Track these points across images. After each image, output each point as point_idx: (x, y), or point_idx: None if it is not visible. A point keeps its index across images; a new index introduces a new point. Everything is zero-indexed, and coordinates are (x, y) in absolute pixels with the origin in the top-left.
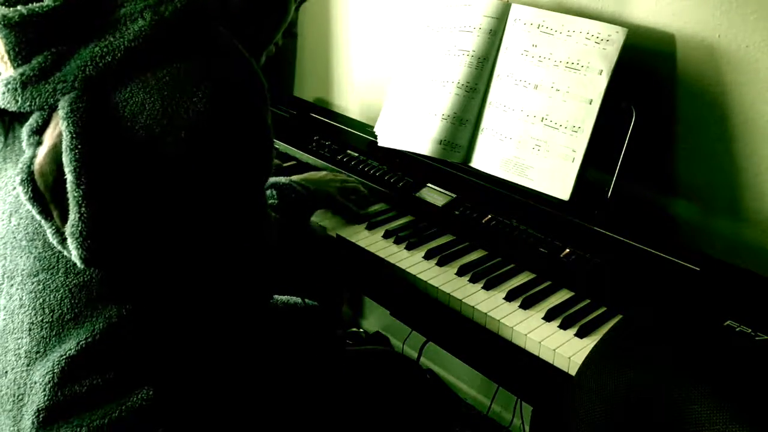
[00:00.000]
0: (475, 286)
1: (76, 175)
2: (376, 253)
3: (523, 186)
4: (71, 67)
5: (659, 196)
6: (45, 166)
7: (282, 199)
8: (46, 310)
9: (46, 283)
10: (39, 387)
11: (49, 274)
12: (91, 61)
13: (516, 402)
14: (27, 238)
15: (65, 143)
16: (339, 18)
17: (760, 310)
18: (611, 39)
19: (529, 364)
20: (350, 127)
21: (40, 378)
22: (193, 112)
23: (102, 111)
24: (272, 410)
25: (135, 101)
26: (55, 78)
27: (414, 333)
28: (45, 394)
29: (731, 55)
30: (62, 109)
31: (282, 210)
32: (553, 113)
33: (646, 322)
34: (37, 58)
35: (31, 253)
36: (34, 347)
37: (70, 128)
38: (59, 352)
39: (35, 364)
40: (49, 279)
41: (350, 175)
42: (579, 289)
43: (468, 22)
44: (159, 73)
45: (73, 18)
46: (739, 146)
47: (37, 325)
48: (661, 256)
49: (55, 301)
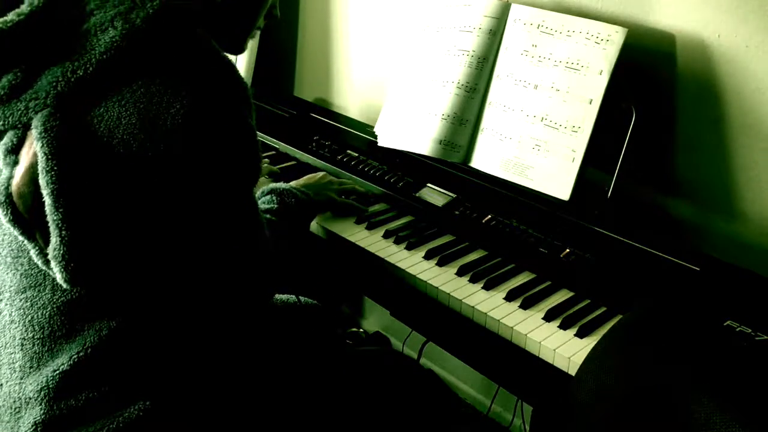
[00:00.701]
0: (475, 286)
1: (54, 197)
2: (376, 253)
3: (523, 186)
4: (42, 84)
5: (659, 196)
6: (23, 187)
7: (282, 203)
8: (35, 327)
9: (34, 300)
10: (35, 401)
11: (36, 291)
12: (62, 77)
13: (516, 402)
14: (12, 255)
15: (41, 165)
16: (339, 18)
17: (760, 310)
18: (611, 39)
19: (529, 364)
20: (350, 127)
21: (34, 394)
22: (171, 124)
23: (77, 128)
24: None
25: (111, 116)
26: (27, 95)
27: (414, 333)
28: (42, 408)
29: (731, 55)
30: (35, 129)
31: (282, 214)
32: (553, 113)
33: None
34: (7, 75)
35: (17, 270)
36: (27, 362)
37: (44, 149)
38: (52, 366)
39: (28, 377)
40: (36, 296)
41: (350, 177)
42: (579, 289)
43: (468, 22)
44: (134, 85)
45: (40, 32)
46: (739, 146)
47: (29, 341)
48: (661, 256)
49: (43, 318)
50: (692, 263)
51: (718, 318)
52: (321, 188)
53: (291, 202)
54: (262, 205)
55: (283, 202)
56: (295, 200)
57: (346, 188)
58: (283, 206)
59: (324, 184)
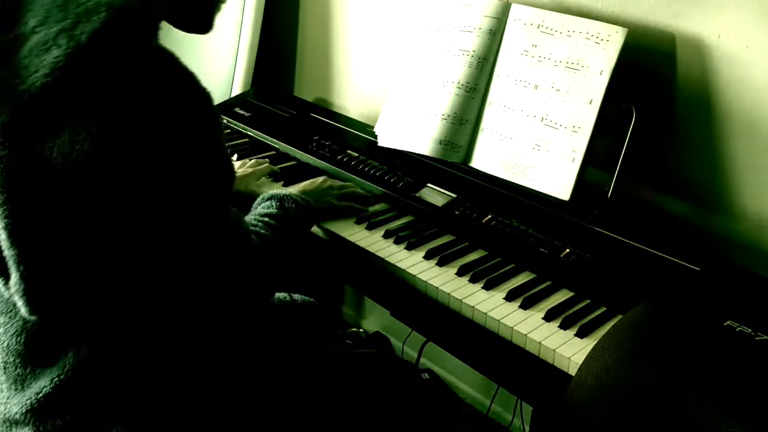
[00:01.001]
0: (475, 286)
1: (7, 233)
2: (376, 253)
3: (523, 186)
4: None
5: (659, 196)
6: None
7: (282, 209)
8: (12, 352)
9: (7, 327)
10: (22, 423)
11: (8, 317)
12: (4, 105)
13: (516, 402)
14: None
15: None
16: (339, 18)
17: (760, 310)
18: (611, 39)
19: (529, 364)
20: (350, 127)
21: (20, 416)
22: (127, 146)
23: (27, 158)
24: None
25: (62, 142)
26: None
27: (414, 333)
28: (30, 428)
29: (731, 55)
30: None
31: (282, 219)
32: (553, 113)
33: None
34: None
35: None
36: (12, 384)
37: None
38: (35, 388)
39: (14, 398)
40: (8, 323)
41: (350, 177)
42: (579, 289)
43: (468, 22)
44: (85, 107)
45: None
46: (739, 146)
47: (10, 365)
48: (660, 256)
49: (18, 345)
50: (692, 263)
51: (718, 318)
52: (321, 194)
53: (291, 207)
54: (262, 210)
55: (283, 207)
56: (295, 206)
57: (346, 192)
58: (283, 211)
59: (324, 190)
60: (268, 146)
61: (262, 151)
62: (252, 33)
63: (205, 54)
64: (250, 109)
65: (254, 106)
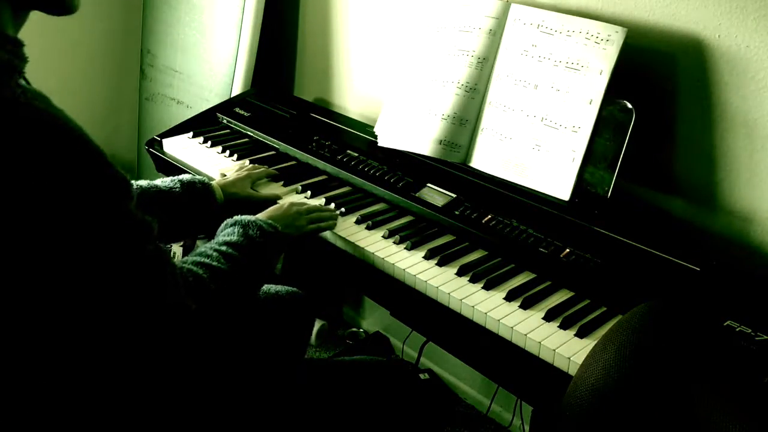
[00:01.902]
0: (475, 286)
1: None
2: (376, 253)
3: (523, 186)
4: None
5: (659, 196)
6: None
7: (245, 236)
8: None
9: None
10: None
11: None
12: None
13: (516, 402)
14: None
15: None
16: (339, 18)
17: (760, 310)
18: (611, 39)
19: (529, 364)
20: (350, 127)
21: None
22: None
23: None
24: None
25: None
26: None
27: (414, 333)
28: None
29: (731, 55)
30: None
31: (245, 249)
32: (553, 113)
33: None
34: None
35: None
36: None
37: None
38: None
39: None
40: None
41: (350, 176)
42: (579, 289)
43: (468, 22)
44: None
45: None
46: (739, 146)
47: None
48: (660, 256)
49: None
50: (692, 263)
51: (718, 318)
52: (290, 219)
53: (255, 234)
54: (222, 238)
55: (246, 235)
56: (260, 232)
57: (314, 217)
58: (246, 239)
59: (292, 215)
60: (268, 146)
61: (262, 151)
62: (252, 33)
63: (205, 54)
64: (250, 109)
65: (254, 106)
